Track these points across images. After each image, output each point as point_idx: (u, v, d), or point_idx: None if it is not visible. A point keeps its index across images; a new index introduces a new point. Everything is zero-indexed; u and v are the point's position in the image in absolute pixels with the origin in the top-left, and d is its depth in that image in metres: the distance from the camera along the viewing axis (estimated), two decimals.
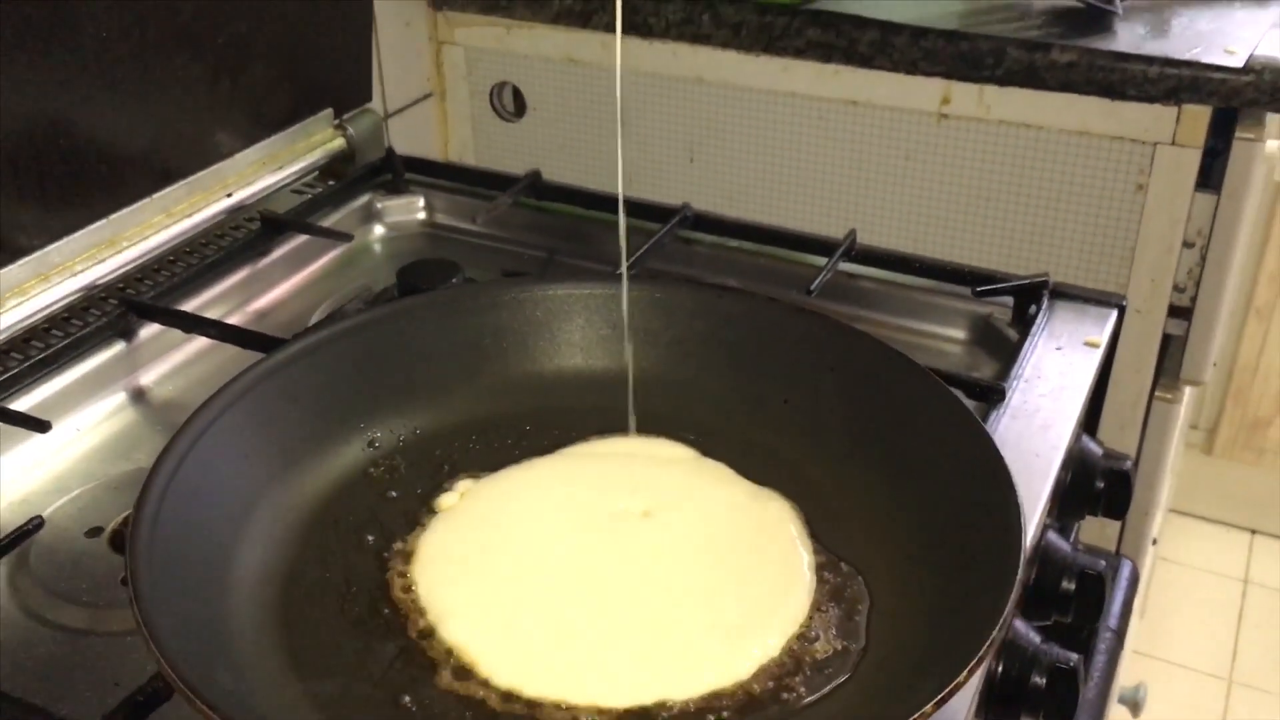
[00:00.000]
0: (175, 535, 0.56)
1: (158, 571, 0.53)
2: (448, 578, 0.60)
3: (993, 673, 0.68)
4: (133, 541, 0.53)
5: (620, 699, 0.53)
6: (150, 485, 0.57)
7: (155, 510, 0.55)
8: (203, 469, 0.60)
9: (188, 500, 0.58)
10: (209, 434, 0.61)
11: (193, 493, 0.59)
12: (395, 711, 0.54)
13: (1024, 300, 0.87)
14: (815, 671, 0.56)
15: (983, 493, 0.60)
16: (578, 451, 0.70)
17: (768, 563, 0.61)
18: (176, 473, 0.58)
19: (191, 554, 0.57)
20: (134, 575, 0.52)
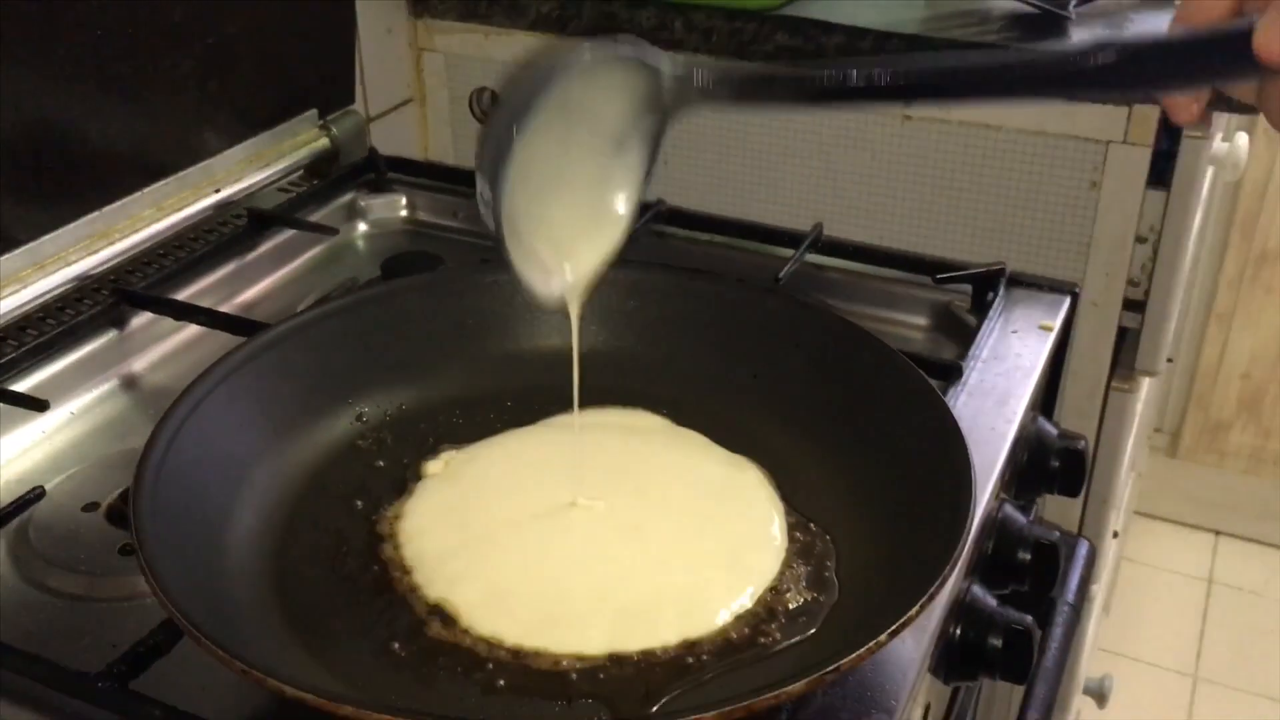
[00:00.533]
0: (175, 498, 0.59)
1: (160, 530, 0.56)
2: (432, 537, 0.63)
3: (952, 635, 0.72)
4: (136, 501, 0.56)
5: (600, 646, 0.57)
6: (151, 449, 0.60)
7: (156, 473, 0.59)
8: (200, 437, 0.63)
9: (186, 465, 0.61)
10: (205, 403, 0.64)
11: (191, 459, 0.62)
12: (385, 657, 0.57)
13: (981, 287, 0.91)
14: (789, 619, 0.59)
15: (940, 457, 0.64)
16: (556, 423, 0.73)
17: (741, 522, 0.65)
18: (176, 438, 0.61)
19: (191, 515, 0.60)
20: (139, 532, 0.55)
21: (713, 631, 0.58)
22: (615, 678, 0.56)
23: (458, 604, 0.59)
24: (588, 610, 0.58)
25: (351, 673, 0.56)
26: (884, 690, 0.59)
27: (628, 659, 0.57)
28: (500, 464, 0.69)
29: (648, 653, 0.57)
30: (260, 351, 0.69)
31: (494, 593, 0.60)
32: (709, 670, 0.57)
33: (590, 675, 0.56)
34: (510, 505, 0.66)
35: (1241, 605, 2.17)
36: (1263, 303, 2.09)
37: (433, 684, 0.56)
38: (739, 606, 0.59)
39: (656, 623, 0.58)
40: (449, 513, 0.65)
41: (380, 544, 0.64)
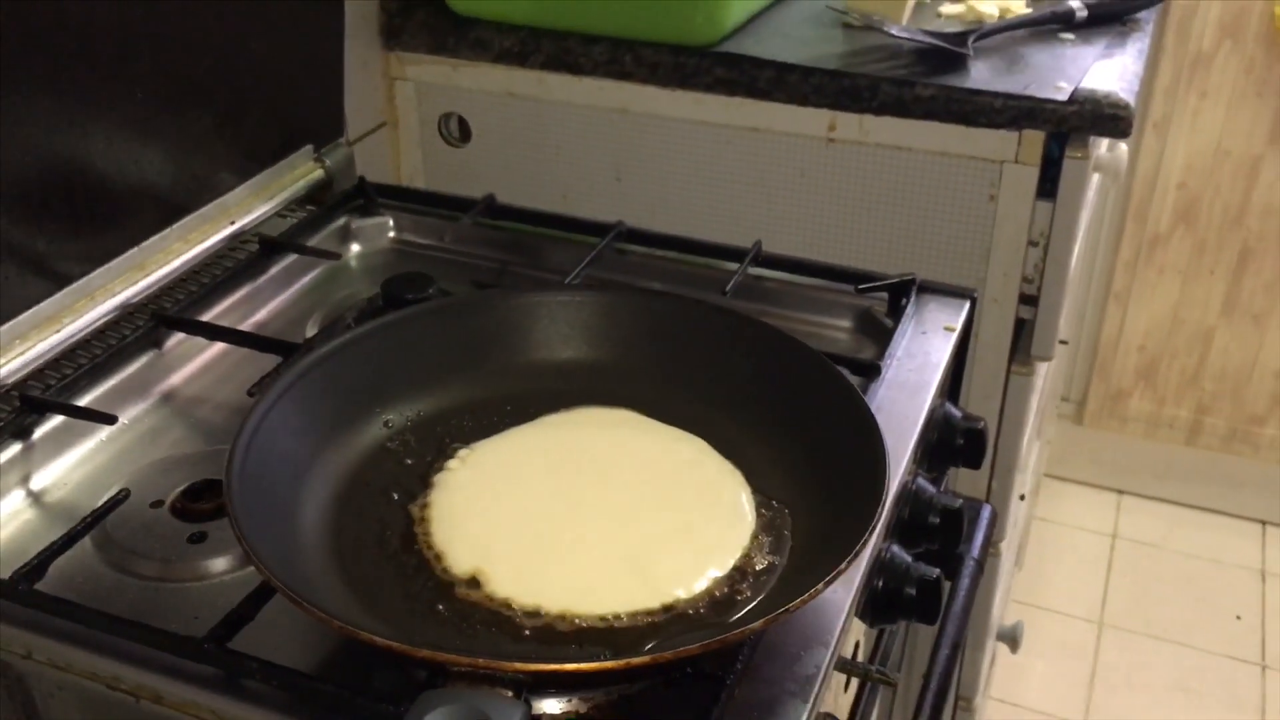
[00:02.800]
0: (253, 497, 0.73)
1: (249, 523, 0.71)
2: (457, 521, 0.79)
3: (875, 586, 0.88)
4: (230, 501, 0.70)
5: (605, 605, 0.72)
6: (232, 458, 0.74)
7: (240, 477, 0.72)
8: (266, 446, 0.77)
9: (258, 471, 0.75)
10: (269, 417, 0.78)
11: (261, 465, 0.76)
12: (432, 616, 0.72)
13: (896, 295, 1.04)
14: (755, 578, 0.75)
15: (862, 445, 0.79)
16: (549, 421, 0.88)
17: (720, 502, 0.80)
18: (249, 448, 0.75)
19: (266, 511, 0.74)
20: (235, 519, 0.69)
21: (700, 591, 0.73)
22: (618, 628, 0.71)
23: (484, 574, 0.74)
24: (595, 576, 0.74)
25: (409, 628, 0.71)
26: (821, 629, 0.75)
27: (630, 614, 0.71)
28: (507, 457, 0.84)
29: (647, 609, 0.72)
30: (307, 371, 0.83)
31: (513, 563, 0.75)
32: (696, 620, 0.72)
33: (597, 626, 0.71)
34: (520, 490, 0.81)
35: (1142, 557, 2.37)
36: (1155, 281, 2.28)
37: (473, 636, 0.71)
38: (720, 571, 0.75)
39: (655, 586, 0.73)
40: (468, 499, 0.80)
41: (416, 527, 0.79)
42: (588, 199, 1.40)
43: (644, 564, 0.75)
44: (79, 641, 0.74)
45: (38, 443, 0.91)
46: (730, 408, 0.86)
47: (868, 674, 0.86)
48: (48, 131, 0.92)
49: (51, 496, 0.89)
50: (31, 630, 0.75)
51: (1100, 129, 1.19)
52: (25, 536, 0.85)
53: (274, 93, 1.13)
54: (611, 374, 0.89)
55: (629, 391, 0.88)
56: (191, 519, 0.86)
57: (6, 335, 0.93)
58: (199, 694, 0.71)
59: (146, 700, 0.72)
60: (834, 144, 1.28)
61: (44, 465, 0.91)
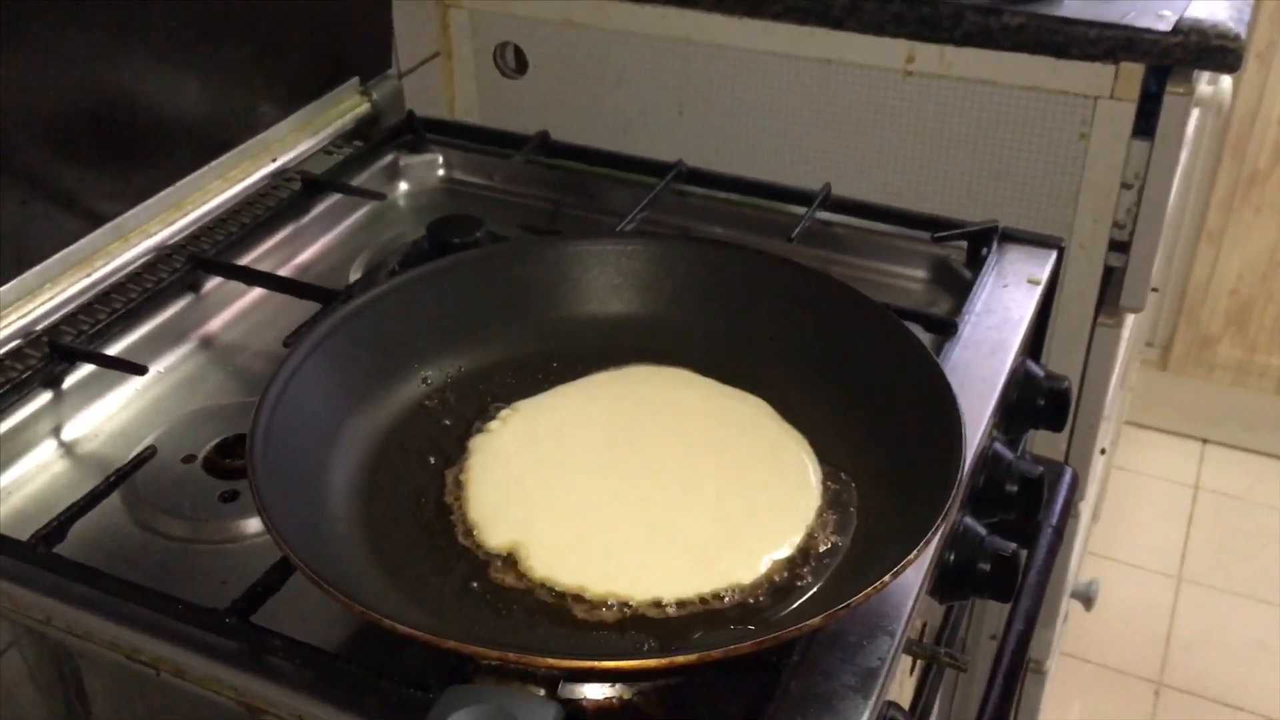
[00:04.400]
0: (279, 460, 0.69)
1: (272, 488, 0.66)
2: (496, 490, 0.73)
3: (945, 561, 0.82)
4: (252, 467, 0.66)
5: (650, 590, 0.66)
6: (257, 419, 0.69)
7: (264, 440, 0.68)
8: (295, 405, 0.73)
9: (286, 432, 0.71)
10: (298, 375, 0.73)
11: (289, 426, 0.72)
12: (466, 595, 0.68)
13: (976, 244, 0.98)
14: (817, 562, 0.69)
15: (934, 414, 0.73)
16: (597, 379, 0.82)
17: (784, 475, 0.74)
18: (276, 408, 0.71)
19: (294, 475, 0.70)
20: (258, 490, 0.65)
21: (759, 576, 0.68)
22: (667, 615, 0.66)
23: (521, 550, 0.69)
24: (644, 556, 0.68)
25: (439, 608, 0.66)
26: (887, 615, 0.70)
27: (680, 600, 0.66)
28: (551, 418, 0.79)
29: (700, 595, 0.66)
30: (340, 325, 0.78)
31: (552, 539, 0.70)
32: (752, 609, 0.66)
33: (644, 613, 0.66)
34: (564, 456, 0.76)
35: (1225, 510, 2.28)
36: (1251, 221, 2.17)
37: (508, 617, 0.66)
38: (781, 554, 0.69)
39: (709, 569, 0.67)
40: (508, 466, 0.75)
41: (452, 495, 0.74)
42: (648, 134, 1.33)
43: (698, 544, 0.69)
44: (99, 609, 0.70)
45: (68, 392, 0.88)
46: (793, 368, 0.81)
47: (936, 657, 0.80)
48: (77, 62, 0.87)
49: (82, 449, 0.86)
50: (51, 596, 0.71)
51: (1206, 62, 1.10)
52: (53, 491, 0.82)
53: (318, 21, 1.07)
54: (666, 329, 0.84)
55: (684, 349, 0.83)
56: (224, 475, 0.82)
57: (36, 278, 0.89)
58: (221, 669, 0.67)
59: (167, 673, 0.68)
60: (912, 77, 1.20)
61: (75, 415, 0.88)
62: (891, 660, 0.67)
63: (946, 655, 0.80)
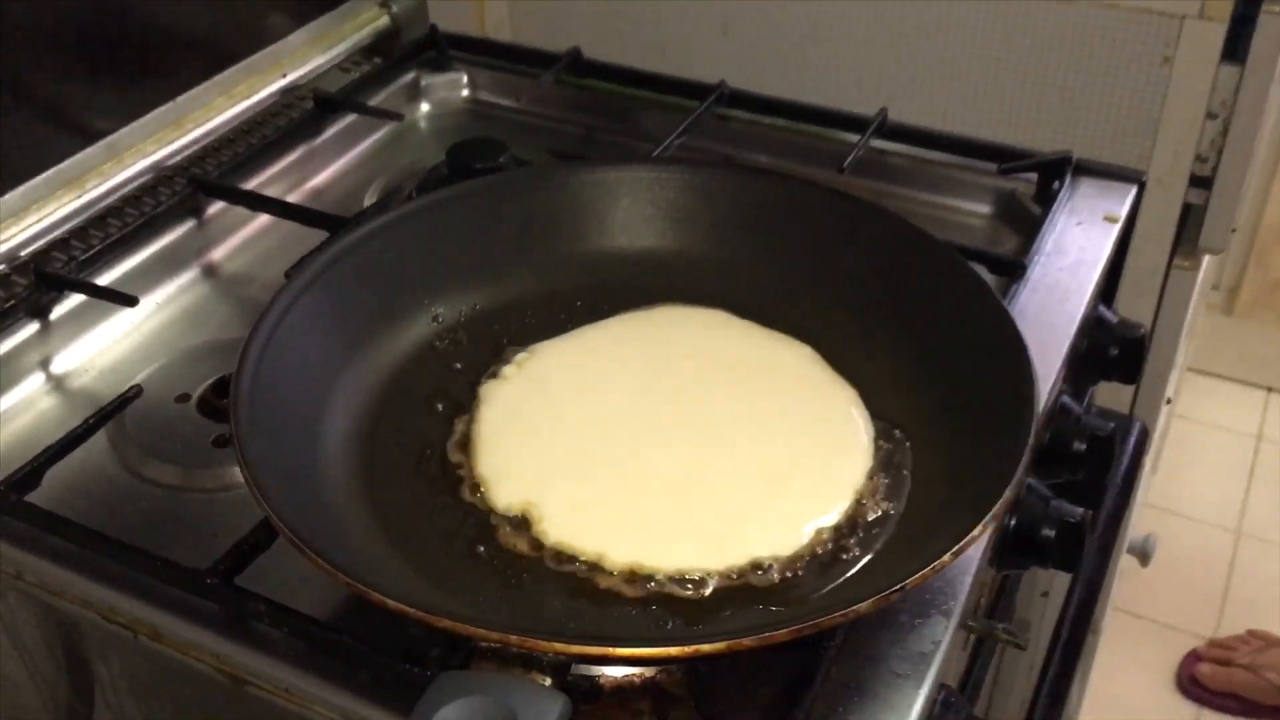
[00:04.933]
0: (270, 409, 0.62)
1: (257, 438, 0.60)
2: (508, 445, 0.66)
3: (1006, 526, 0.74)
4: (235, 415, 0.59)
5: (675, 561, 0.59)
6: (243, 362, 0.62)
7: (250, 385, 0.61)
8: (288, 346, 0.66)
9: (277, 376, 0.64)
10: (291, 312, 0.66)
11: (280, 368, 0.64)
12: (470, 561, 0.61)
13: (1047, 176, 0.90)
14: (866, 533, 0.62)
15: (1001, 365, 0.65)
16: (625, 320, 0.75)
17: (831, 431, 0.66)
18: (265, 349, 0.64)
19: (285, 424, 0.63)
20: (239, 441, 0.58)
21: (801, 547, 0.60)
22: (691, 591, 0.59)
23: (534, 512, 0.62)
24: (672, 522, 0.61)
25: (441, 576, 0.59)
26: (942, 592, 0.62)
27: (711, 573, 0.59)
28: (572, 364, 0.72)
29: (733, 568, 0.59)
30: (340, 257, 0.71)
31: (569, 500, 0.62)
32: (791, 585, 0.59)
33: (669, 590, 0.58)
34: (584, 409, 0.68)
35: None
36: None
37: (517, 588, 0.59)
38: (826, 522, 0.61)
39: (745, 538, 0.60)
40: (523, 416, 0.68)
41: (460, 448, 0.67)
42: (689, 55, 1.23)
43: (732, 509, 0.62)
44: (72, 563, 0.65)
45: (57, 322, 0.82)
46: (842, 312, 0.74)
47: (993, 633, 0.73)
48: None
49: (72, 384, 0.80)
50: (21, 548, 0.66)
51: None
52: (38, 430, 0.76)
53: None
54: (702, 267, 0.77)
55: (722, 288, 0.76)
56: (219, 417, 0.76)
57: (21, 199, 0.83)
58: (201, 634, 0.61)
59: (144, 636, 0.62)
60: None
61: (64, 348, 0.82)
62: (947, 643, 0.60)
63: (1005, 632, 0.73)
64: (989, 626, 0.73)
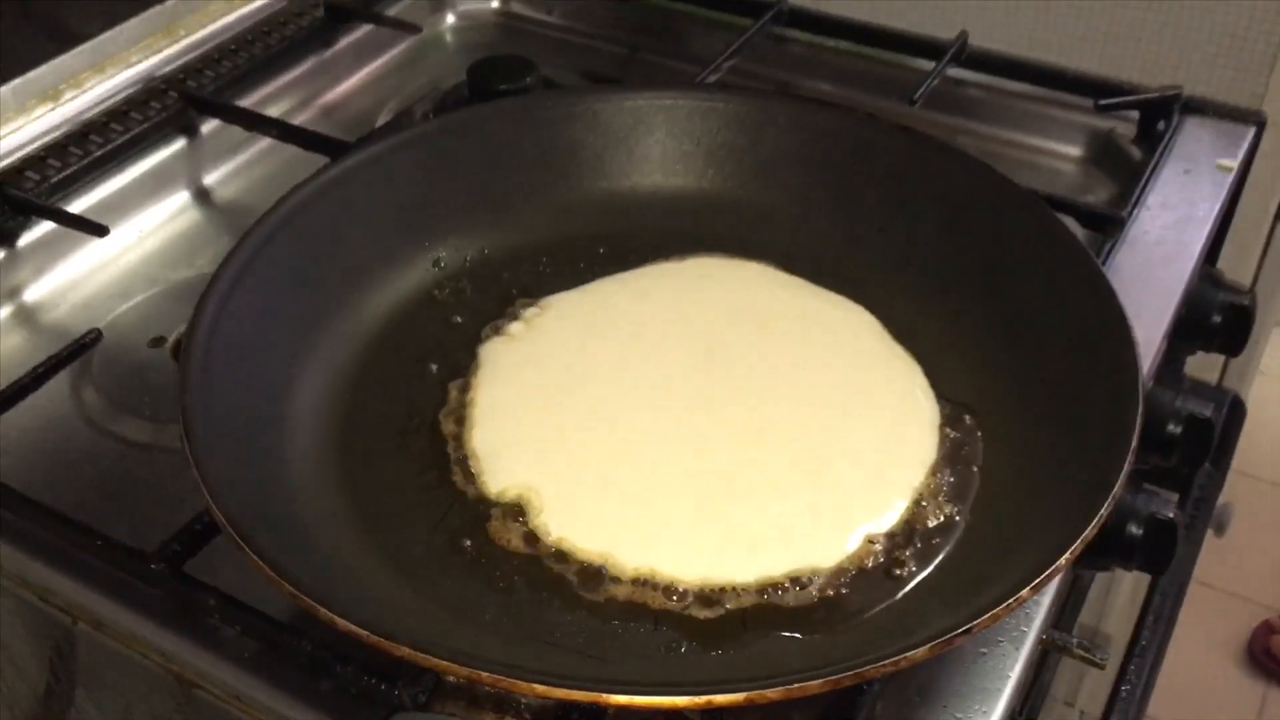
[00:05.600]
0: (229, 364, 0.54)
1: (212, 402, 0.51)
2: (510, 418, 0.58)
3: None
4: (184, 374, 0.51)
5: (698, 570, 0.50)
6: (201, 312, 0.54)
7: (207, 340, 0.53)
8: (258, 291, 0.58)
9: (243, 326, 0.56)
10: (264, 254, 0.59)
11: (248, 317, 0.57)
12: (456, 555, 0.52)
13: (1152, 115, 0.82)
14: (924, 543, 0.52)
15: (1095, 342, 0.56)
16: (655, 273, 0.66)
17: (889, 413, 0.57)
18: (230, 297, 0.56)
19: (247, 383, 0.55)
20: (186, 409, 0.50)
21: (846, 558, 0.51)
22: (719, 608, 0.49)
23: (532, 501, 0.53)
24: (696, 522, 0.52)
25: (416, 574, 0.51)
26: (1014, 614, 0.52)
27: (739, 587, 0.50)
28: (590, 323, 0.62)
29: (766, 580, 0.50)
30: (324, 190, 0.62)
31: (576, 488, 0.53)
32: (829, 607, 0.50)
33: (681, 603, 0.50)
34: (600, 379, 0.59)
35: None
36: None
37: (507, 593, 0.50)
38: (877, 529, 0.52)
39: (776, 546, 0.51)
40: (529, 384, 0.58)
41: (453, 419, 0.58)
42: None
43: (770, 508, 0.53)
44: (7, 535, 0.56)
45: (26, 250, 0.76)
46: (908, 270, 0.65)
47: (1068, 649, 0.63)
48: None
49: (42, 318, 0.75)
50: None
51: None
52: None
53: None
54: (746, 213, 0.69)
55: (768, 238, 0.68)
56: None
57: None
58: (144, 626, 0.54)
59: (85, 624, 0.55)
60: None
61: (34, 279, 0.76)
62: (1017, 679, 0.50)
63: (1081, 648, 0.63)
64: (1063, 641, 0.63)
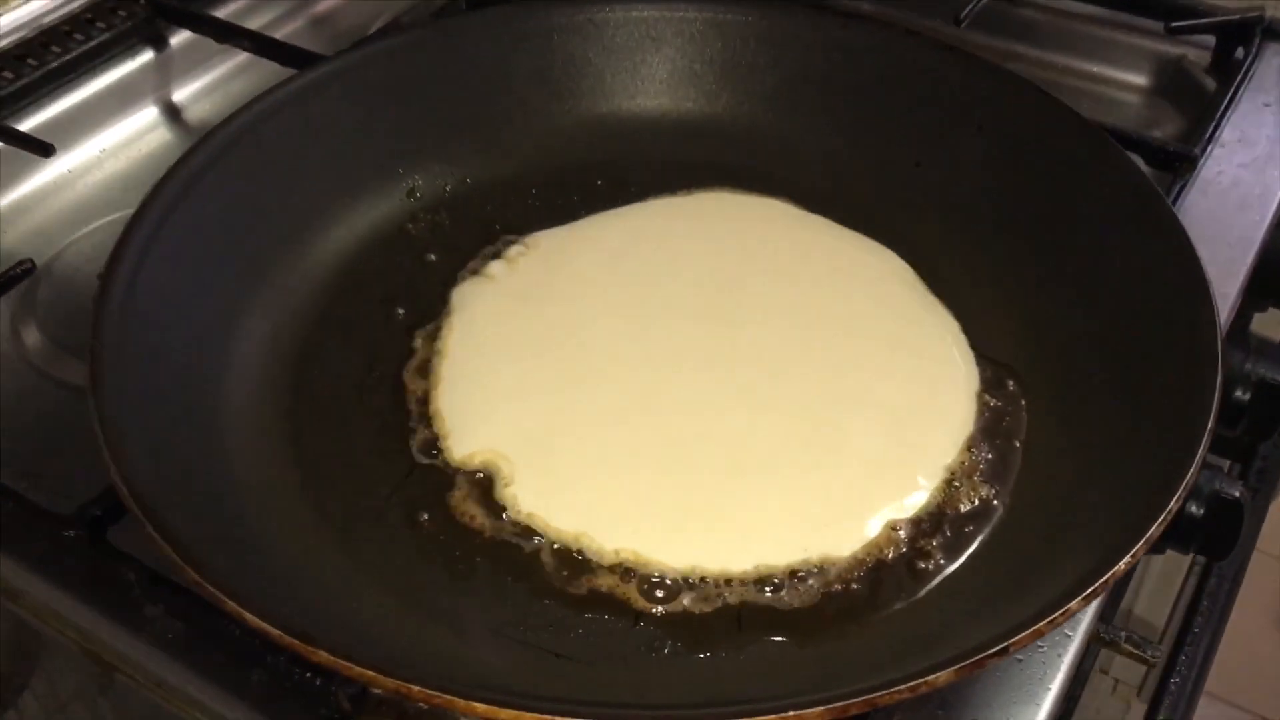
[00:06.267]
0: (157, 307, 0.48)
1: (130, 350, 0.45)
2: (480, 368, 0.50)
3: None
4: (97, 319, 0.44)
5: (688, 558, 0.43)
6: (122, 249, 0.48)
7: (129, 280, 0.47)
8: (197, 223, 0.52)
9: (176, 263, 0.50)
10: (205, 180, 0.53)
11: (184, 252, 0.51)
12: (411, 531, 0.45)
13: (1229, 40, 0.76)
14: (955, 530, 0.45)
15: (1165, 298, 0.49)
16: (657, 208, 0.59)
17: (920, 374, 0.50)
18: (160, 230, 0.50)
19: (178, 329, 0.49)
20: (94, 359, 0.43)
21: (861, 549, 0.44)
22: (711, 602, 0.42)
23: (501, 468, 0.46)
24: (691, 500, 0.45)
25: (363, 552, 0.45)
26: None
27: (737, 577, 0.43)
28: (582, 265, 0.55)
29: (767, 570, 0.43)
30: (283, 106, 0.56)
31: (552, 458, 0.47)
32: (839, 605, 0.43)
33: (666, 595, 0.43)
34: (590, 330, 0.52)
35: None
36: None
37: (466, 577, 0.44)
38: (901, 513, 0.45)
39: (782, 531, 0.44)
40: (508, 336, 0.52)
41: (418, 373, 0.51)
42: None
43: (776, 487, 0.46)
44: None
45: None
46: (948, 211, 0.59)
47: (1116, 646, 0.56)
48: None
49: None
50: None
51: None
52: None
53: None
54: (763, 142, 0.62)
55: (788, 172, 0.61)
56: None
57: None
58: (60, 600, 0.48)
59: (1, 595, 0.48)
60: None
61: None
62: (1058, 692, 0.43)
63: (1130, 643, 0.56)
64: (1110, 635, 0.56)
